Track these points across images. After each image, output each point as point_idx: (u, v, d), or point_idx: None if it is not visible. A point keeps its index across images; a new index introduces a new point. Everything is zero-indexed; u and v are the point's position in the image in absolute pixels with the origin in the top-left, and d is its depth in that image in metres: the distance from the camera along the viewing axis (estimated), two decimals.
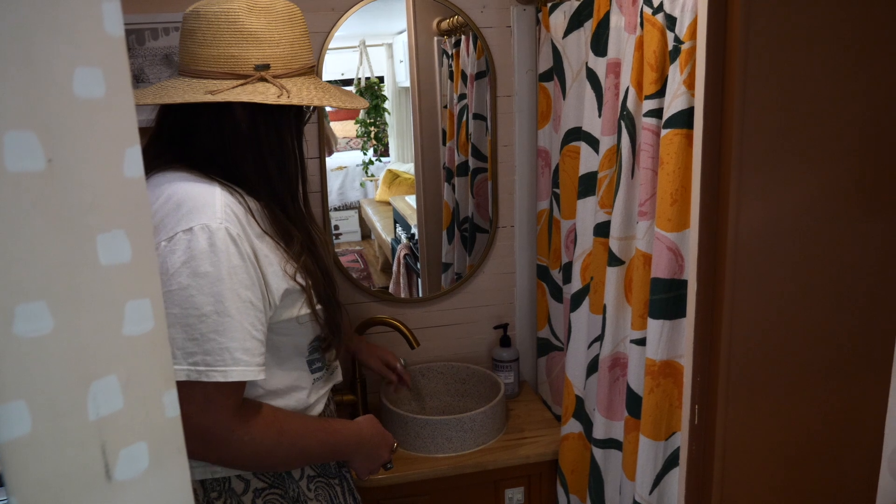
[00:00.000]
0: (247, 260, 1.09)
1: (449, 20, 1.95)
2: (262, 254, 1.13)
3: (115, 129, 0.53)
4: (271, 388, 1.21)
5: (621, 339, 1.49)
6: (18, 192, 0.47)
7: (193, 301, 1.05)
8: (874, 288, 1.11)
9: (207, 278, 1.05)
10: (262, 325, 1.12)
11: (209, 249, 1.05)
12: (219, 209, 1.09)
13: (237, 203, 1.13)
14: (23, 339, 0.48)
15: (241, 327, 1.07)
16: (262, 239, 1.15)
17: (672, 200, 1.22)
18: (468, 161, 2.07)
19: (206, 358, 1.06)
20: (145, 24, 1.72)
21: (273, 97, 1.11)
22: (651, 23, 1.25)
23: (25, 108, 0.48)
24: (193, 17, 1.15)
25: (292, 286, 1.17)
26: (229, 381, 1.07)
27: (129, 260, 0.54)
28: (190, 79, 1.15)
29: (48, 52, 0.49)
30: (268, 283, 1.13)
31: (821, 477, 1.16)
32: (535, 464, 1.78)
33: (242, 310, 1.08)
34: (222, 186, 1.13)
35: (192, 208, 1.07)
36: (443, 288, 2.10)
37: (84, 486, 0.52)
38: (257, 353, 1.10)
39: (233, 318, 1.07)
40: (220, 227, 1.07)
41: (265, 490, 1.23)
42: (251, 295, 1.09)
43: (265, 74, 1.13)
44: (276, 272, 1.15)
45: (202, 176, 1.14)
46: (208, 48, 1.13)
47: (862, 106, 1.05)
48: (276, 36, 1.14)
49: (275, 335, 1.19)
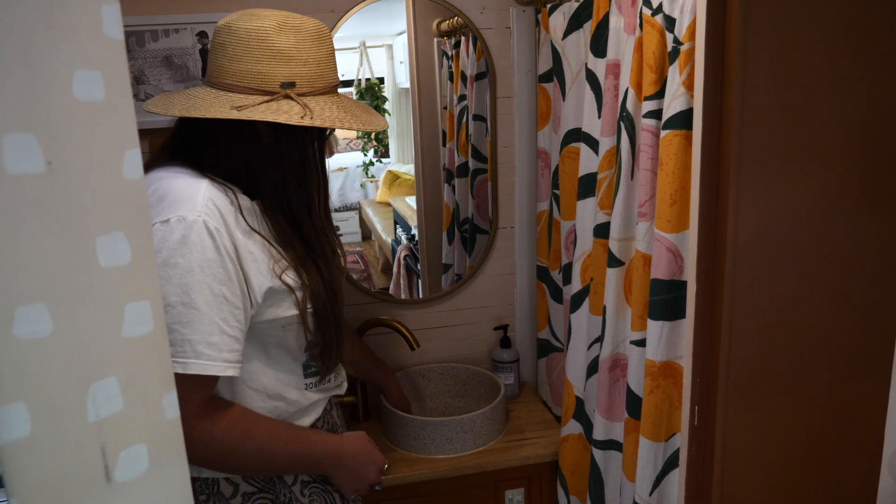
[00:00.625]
0: (224, 254, 1.09)
1: (449, 21, 1.95)
2: (246, 250, 1.13)
3: (115, 132, 0.53)
4: (257, 386, 1.21)
5: (621, 341, 1.49)
6: (18, 195, 0.48)
7: (161, 291, 1.05)
8: (873, 289, 1.11)
9: (177, 269, 1.06)
10: (237, 321, 1.11)
11: (181, 241, 1.06)
12: (199, 202, 1.09)
13: (225, 198, 1.13)
14: (22, 340, 0.48)
15: (208, 321, 1.07)
16: (250, 236, 1.15)
17: (671, 201, 1.22)
18: (468, 162, 2.07)
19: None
20: (145, 26, 1.73)
21: (296, 118, 1.12)
22: (650, 24, 1.25)
23: (25, 110, 0.48)
24: (225, 31, 1.16)
25: (277, 285, 1.16)
26: (188, 373, 1.06)
27: (128, 262, 0.54)
28: (217, 91, 1.17)
29: (48, 54, 0.49)
30: (249, 280, 1.13)
31: (821, 478, 1.16)
32: (536, 465, 1.78)
33: (213, 304, 1.08)
34: (212, 182, 1.13)
35: (173, 201, 1.08)
36: (443, 289, 2.10)
37: (84, 488, 0.52)
38: (225, 349, 1.09)
39: (199, 311, 1.06)
40: (198, 219, 1.07)
41: (254, 494, 1.22)
42: (225, 290, 1.09)
43: (290, 92, 1.14)
44: (261, 269, 1.14)
45: (195, 172, 1.14)
46: (237, 63, 1.15)
47: (861, 106, 1.05)
48: (304, 55, 1.15)
49: (261, 334, 1.19)
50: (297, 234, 1.21)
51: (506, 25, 1.94)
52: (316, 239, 1.24)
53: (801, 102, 1.02)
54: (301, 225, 1.21)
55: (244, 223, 1.14)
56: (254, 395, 1.21)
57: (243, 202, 1.16)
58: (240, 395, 1.20)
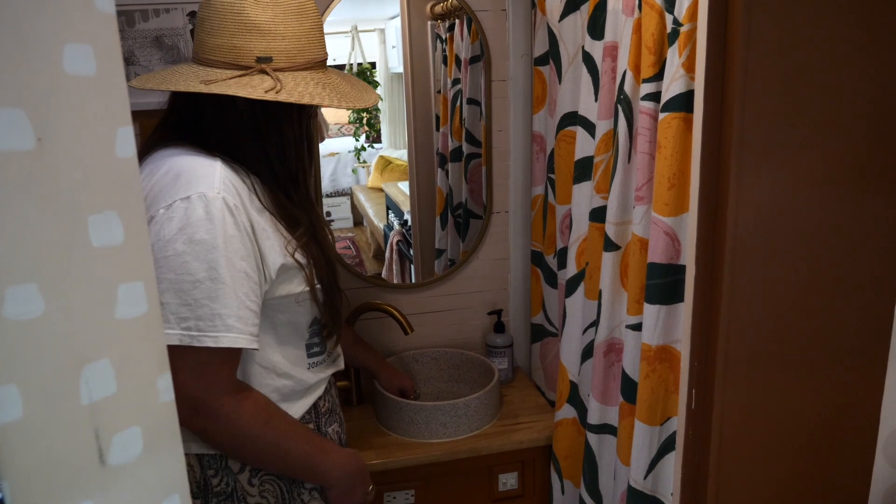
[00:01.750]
0: (243, 231, 1.10)
1: (443, 4, 1.93)
2: (261, 227, 1.14)
3: (107, 108, 0.52)
4: (267, 364, 1.21)
5: (616, 325, 1.49)
6: (7, 172, 0.46)
7: (188, 267, 1.06)
8: (872, 274, 1.11)
9: (203, 245, 1.06)
10: (256, 296, 1.12)
11: (205, 217, 1.07)
12: (217, 180, 1.10)
13: (238, 178, 1.14)
14: (13, 322, 0.47)
15: (234, 295, 1.08)
16: (262, 214, 1.16)
17: (669, 185, 1.21)
18: (462, 146, 2.05)
19: (199, 323, 1.07)
20: (135, 6, 1.70)
21: (261, 92, 1.10)
22: (649, 5, 1.24)
23: (14, 85, 0.46)
24: (205, 5, 1.15)
25: (290, 262, 1.17)
26: (220, 346, 1.07)
27: (121, 242, 0.53)
28: (197, 66, 1.17)
29: (37, 27, 0.47)
30: (264, 257, 1.14)
31: (817, 461, 1.17)
32: (529, 449, 1.78)
33: (237, 278, 1.09)
34: (224, 162, 1.14)
35: (191, 178, 1.09)
36: (436, 274, 2.09)
37: (77, 471, 0.51)
38: (250, 323, 1.11)
39: (226, 286, 1.08)
40: (218, 196, 1.08)
41: (262, 470, 1.23)
42: (246, 265, 1.10)
43: (266, 67, 1.13)
44: (274, 247, 1.16)
45: (205, 152, 1.14)
46: (214, 37, 1.14)
47: (866, 89, 1.04)
48: (282, 29, 1.14)
49: (272, 311, 1.20)
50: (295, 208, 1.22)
51: (501, 7, 1.92)
52: (307, 213, 1.24)
53: (804, 84, 1.01)
54: (290, 198, 1.22)
55: (257, 201, 1.16)
56: (264, 373, 1.21)
57: (255, 182, 1.17)
58: (250, 372, 1.20)
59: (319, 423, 1.32)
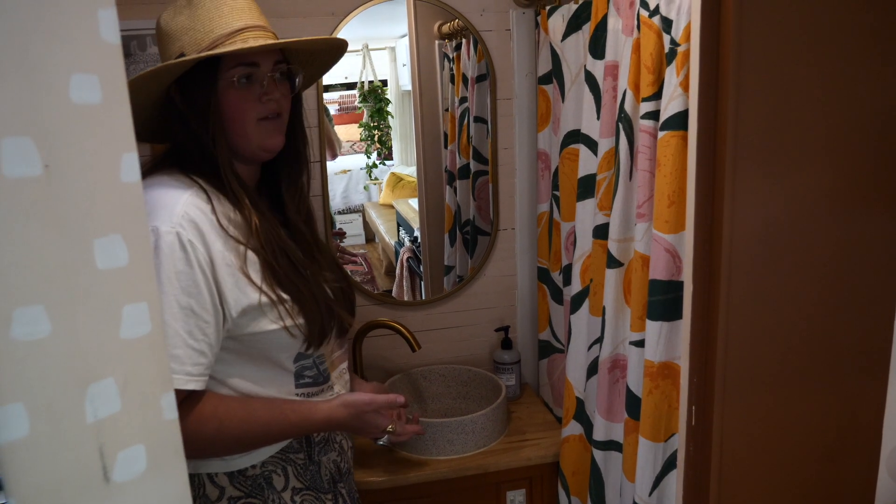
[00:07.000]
0: (195, 267, 1.09)
1: (450, 24, 1.96)
2: (224, 263, 1.12)
3: (112, 135, 0.54)
4: (246, 391, 1.20)
5: (621, 341, 1.49)
6: (16, 198, 0.48)
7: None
8: (870, 288, 1.12)
9: None
10: (203, 334, 1.10)
11: (152, 252, 1.05)
12: (177, 213, 1.09)
13: (206, 207, 1.13)
14: (20, 342, 0.49)
15: (173, 332, 1.07)
16: (233, 247, 1.14)
17: (669, 202, 1.22)
18: (469, 164, 2.07)
19: None
20: (148, 30, 1.73)
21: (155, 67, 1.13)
22: (648, 25, 1.25)
23: (22, 114, 0.48)
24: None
25: (253, 302, 1.14)
26: None
27: (126, 264, 0.54)
28: None
29: (45, 58, 0.49)
30: (223, 294, 1.12)
31: (819, 477, 1.16)
32: (537, 466, 1.78)
33: (179, 315, 1.07)
34: (197, 190, 1.14)
35: (150, 211, 1.08)
36: (445, 290, 2.11)
37: (82, 488, 0.53)
38: (188, 362, 1.08)
39: (165, 323, 1.06)
40: (171, 231, 1.08)
41: (241, 499, 1.21)
42: (193, 302, 1.09)
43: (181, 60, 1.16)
44: (239, 284, 1.13)
45: (184, 178, 1.15)
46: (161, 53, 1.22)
47: (855, 106, 1.05)
48: (188, 23, 1.16)
49: (242, 346, 1.18)
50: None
51: (506, 27, 1.95)
52: (299, 246, 1.24)
53: (795, 102, 1.03)
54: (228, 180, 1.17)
55: (221, 231, 1.13)
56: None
57: (225, 209, 1.16)
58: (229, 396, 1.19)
59: (311, 452, 1.29)
